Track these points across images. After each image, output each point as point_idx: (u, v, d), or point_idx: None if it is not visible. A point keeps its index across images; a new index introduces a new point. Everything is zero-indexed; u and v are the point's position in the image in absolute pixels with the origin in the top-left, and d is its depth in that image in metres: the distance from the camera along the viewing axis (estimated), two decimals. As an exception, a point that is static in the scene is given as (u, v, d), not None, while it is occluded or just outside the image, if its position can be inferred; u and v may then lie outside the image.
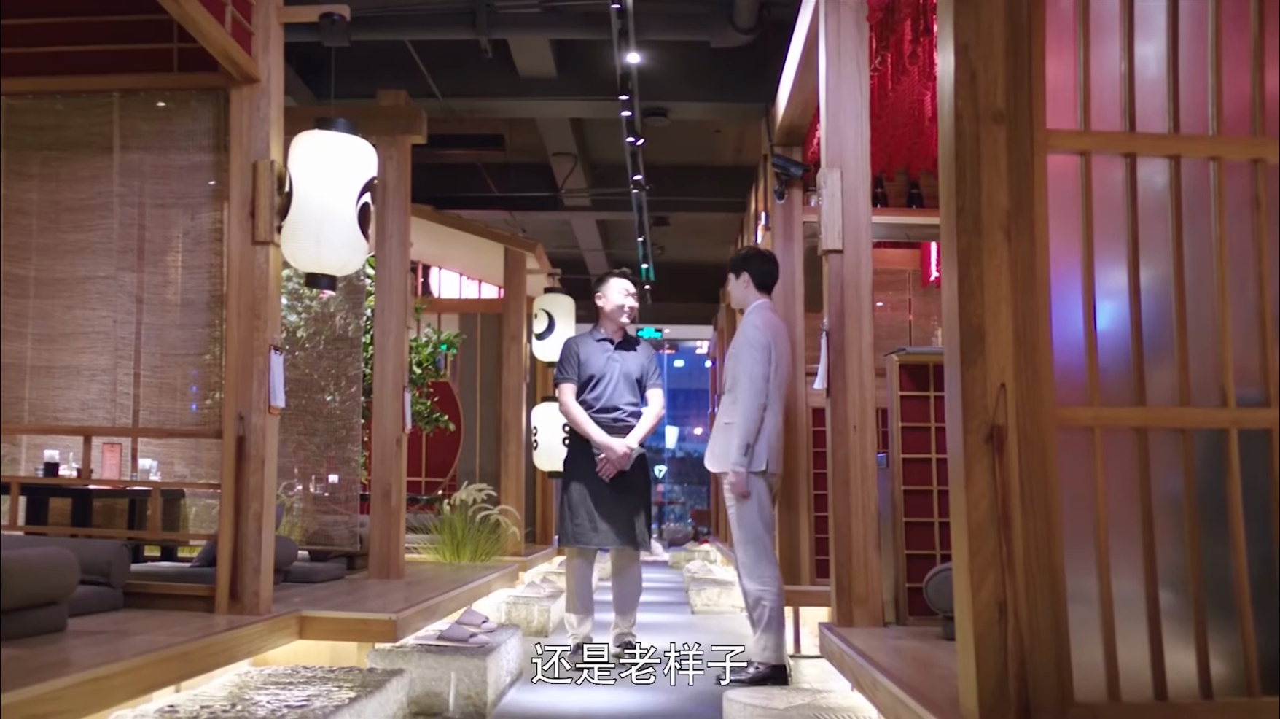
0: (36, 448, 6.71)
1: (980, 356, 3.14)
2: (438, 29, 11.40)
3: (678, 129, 14.74)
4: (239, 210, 5.90)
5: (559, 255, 19.35)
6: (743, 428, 6.50)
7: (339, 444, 8.72)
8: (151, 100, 6.30)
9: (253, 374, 5.83)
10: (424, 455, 13.73)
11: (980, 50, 3.24)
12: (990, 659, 3.09)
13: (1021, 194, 3.20)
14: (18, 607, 4.51)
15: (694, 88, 13.22)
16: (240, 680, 5.09)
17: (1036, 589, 3.10)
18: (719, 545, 15.63)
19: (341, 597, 6.85)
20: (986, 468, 3.10)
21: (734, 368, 6.65)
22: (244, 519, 5.80)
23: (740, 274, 6.91)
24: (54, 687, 3.74)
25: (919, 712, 3.52)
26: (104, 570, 5.54)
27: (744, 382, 6.54)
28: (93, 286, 6.28)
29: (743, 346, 6.65)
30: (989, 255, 3.16)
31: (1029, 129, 3.23)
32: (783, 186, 8.13)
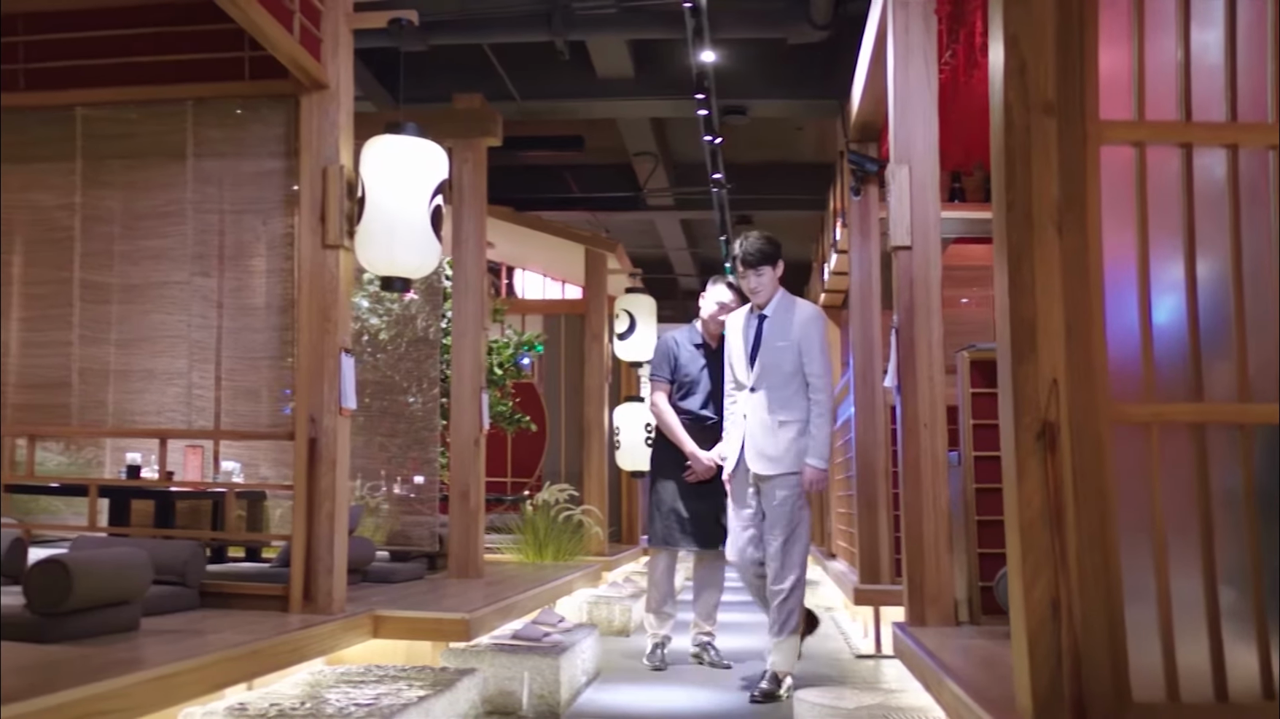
0: (119, 450, 6.83)
1: (1032, 353, 3.09)
2: (514, 32, 11.45)
3: (758, 127, 14.69)
4: (309, 215, 5.96)
5: (643, 255, 19.38)
6: (830, 426, 6.44)
7: (420, 445, 8.79)
8: (223, 108, 6.39)
9: (324, 376, 5.89)
10: (509, 456, 13.79)
11: (1030, 41, 3.19)
12: (1044, 658, 3.05)
13: (1073, 187, 3.14)
14: (88, 606, 4.59)
15: (771, 85, 13.18)
16: (313, 679, 5.14)
17: (1091, 587, 3.05)
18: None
19: (418, 596, 6.89)
20: (1038, 465, 3.06)
21: (796, 364, 6.38)
22: (316, 520, 5.86)
23: (777, 263, 6.54)
24: (120, 684, 3.81)
25: (977, 711, 3.48)
26: (179, 571, 5.63)
27: (827, 380, 6.42)
28: (167, 292, 6.38)
29: (816, 343, 6.42)
30: (1040, 250, 3.12)
31: (1081, 120, 3.18)
32: (858, 183, 8.06)
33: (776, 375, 6.42)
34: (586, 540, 10.87)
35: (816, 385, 6.39)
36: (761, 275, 6.50)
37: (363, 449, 8.75)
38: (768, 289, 6.52)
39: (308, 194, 5.97)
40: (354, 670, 5.41)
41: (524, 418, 11.58)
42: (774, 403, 6.39)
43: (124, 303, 6.44)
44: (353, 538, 7.10)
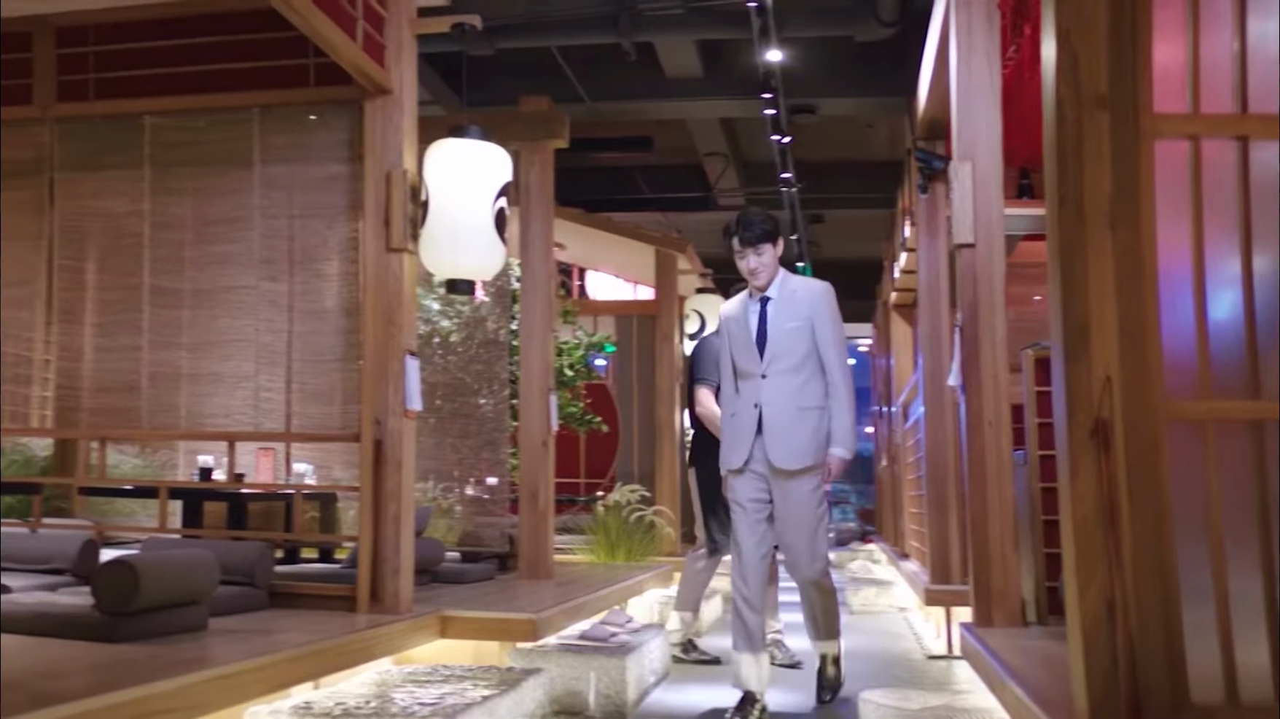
0: (193, 453, 6.93)
1: (1084, 350, 3.06)
2: (581, 34, 11.49)
3: (829, 125, 14.64)
4: (374, 219, 6.01)
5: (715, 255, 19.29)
6: (853, 411, 5.90)
7: (491, 447, 8.83)
8: (289, 114, 6.46)
9: (388, 379, 5.94)
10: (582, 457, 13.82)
11: (1082, 35, 3.16)
12: (1099, 658, 3.01)
13: (1126, 182, 3.11)
14: (156, 606, 4.65)
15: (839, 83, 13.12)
16: (380, 678, 5.18)
17: (1146, 587, 3.01)
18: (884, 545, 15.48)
19: (487, 597, 6.92)
20: (1092, 464, 3.02)
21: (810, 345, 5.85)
22: (383, 521, 5.90)
23: (777, 241, 5.99)
24: (185, 682, 3.86)
25: (1035, 712, 3.45)
26: (248, 571, 5.69)
27: (844, 361, 5.92)
28: (234, 296, 6.46)
29: (829, 321, 5.92)
30: (1093, 246, 3.08)
31: (1134, 114, 3.14)
32: (925, 180, 8.00)
33: (791, 359, 5.89)
34: (658, 541, 10.87)
35: (834, 366, 5.90)
36: (762, 254, 5.95)
37: (435, 451, 8.81)
38: (769, 269, 5.97)
39: (372, 198, 6.02)
40: (421, 670, 5.44)
41: (595, 419, 11.61)
42: (793, 389, 5.86)
43: (192, 307, 6.53)
44: (422, 539, 7.15)
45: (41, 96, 6.79)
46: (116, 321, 6.63)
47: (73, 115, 6.76)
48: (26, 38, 6.83)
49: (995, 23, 5.88)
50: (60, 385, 6.72)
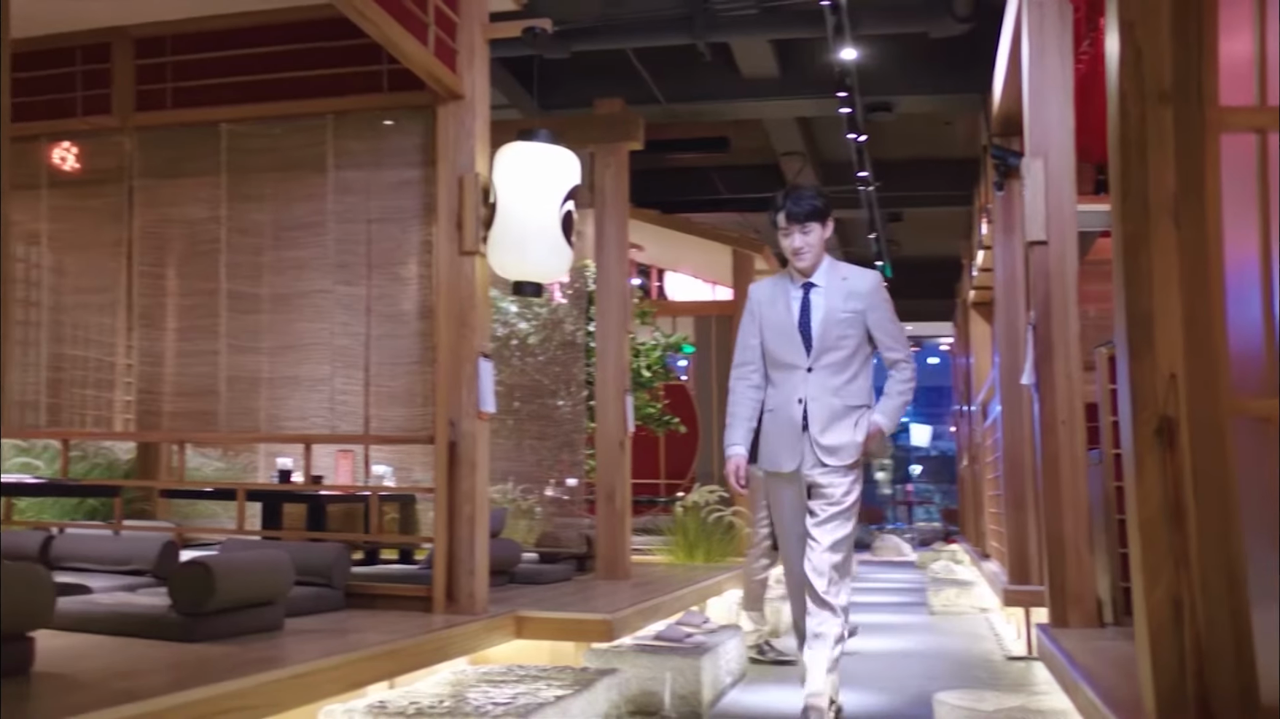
0: (274, 455, 7.03)
1: (1149, 347, 3.02)
2: (656, 35, 11.50)
3: (907, 122, 14.57)
4: (446, 223, 6.06)
5: (794, 255, 19.30)
6: (906, 394, 5.51)
7: (570, 448, 8.88)
8: (363, 120, 6.52)
9: (462, 381, 5.99)
10: (662, 458, 13.84)
11: (1146, 27, 3.11)
12: (1166, 659, 2.97)
13: (1191, 176, 3.06)
14: (231, 607, 4.72)
15: (915, 80, 13.06)
16: (455, 678, 5.21)
17: (1214, 586, 2.96)
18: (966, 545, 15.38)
19: (563, 597, 6.95)
20: (1157, 461, 2.98)
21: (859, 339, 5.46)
22: (457, 522, 5.95)
23: (827, 222, 5.57)
24: (259, 680, 3.93)
25: (1105, 713, 3.42)
26: (324, 573, 5.76)
27: (907, 346, 5.59)
28: (310, 300, 6.54)
29: (888, 312, 5.53)
30: (1157, 242, 3.04)
31: (1199, 108, 3.09)
32: (1001, 177, 7.93)
33: (840, 353, 5.47)
34: (737, 542, 10.85)
35: (898, 358, 5.51)
36: (809, 233, 5.50)
37: (514, 452, 8.88)
38: (815, 251, 5.52)
39: (445, 202, 6.07)
40: (495, 670, 5.47)
41: (673, 420, 11.61)
42: (838, 385, 5.46)
43: (268, 312, 6.63)
44: (498, 540, 7.20)
45: (121, 106, 6.91)
46: (195, 326, 6.74)
47: (151, 124, 6.89)
48: (106, 49, 6.96)
49: (1068, 17, 5.82)
50: (141, 390, 6.83)
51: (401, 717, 4.35)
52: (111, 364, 6.92)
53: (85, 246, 7.01)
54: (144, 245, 6.87)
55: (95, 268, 6.96)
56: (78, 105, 6.97)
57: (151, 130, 6.89)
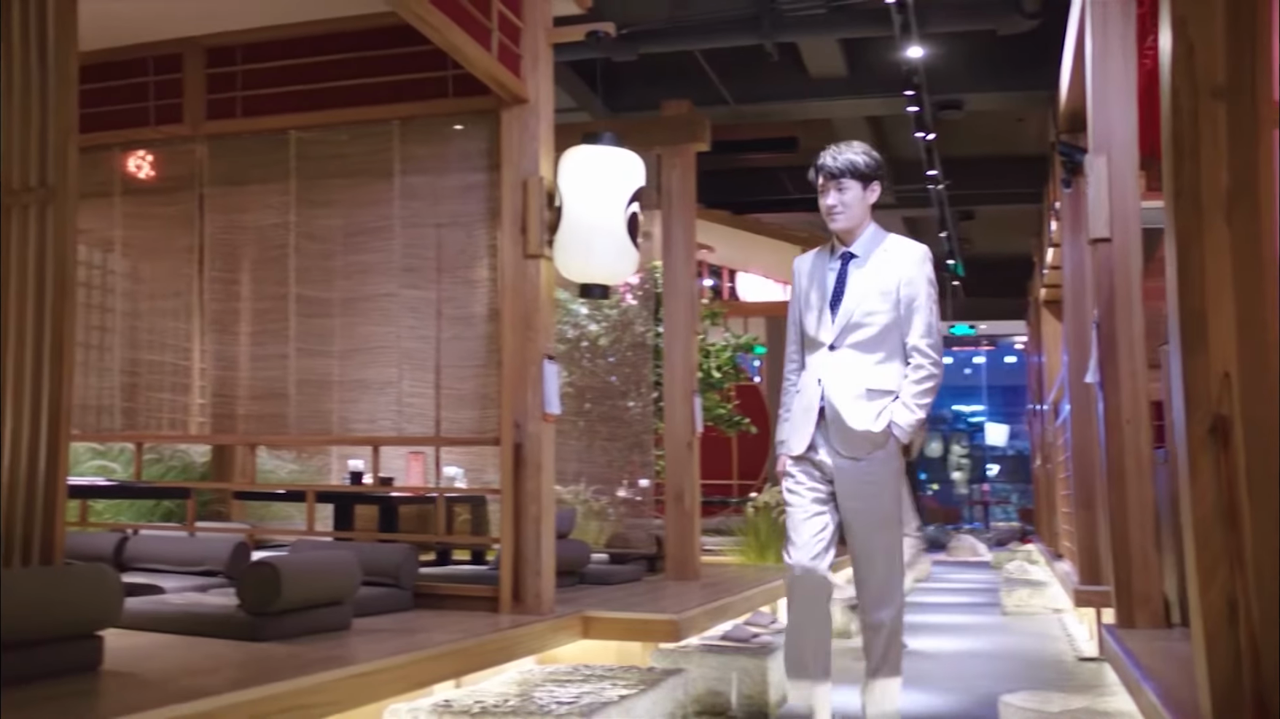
0: (346, 458, 7.12)
1: (1202, 345, 3.00)
2: (723, 37, 11.52)
3: (978, 120, 14.49)
4: (511, 226, 6.11)
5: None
6: (930, 391, 4.86)
7: (640, 449, 8.90)
8: (428, 125, 6.60)
9: (527, 383, 6.03)
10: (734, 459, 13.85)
11: (1198, 23, 3.09)
12: (1222, 659, 2.96)
13: (1244, 173, 3.03)
14: (298, 606, 4.79)
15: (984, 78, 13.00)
16: (521, 677, 5.23)
17: (1270, 586, 2.93)
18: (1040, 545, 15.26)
19: (631, 597, 6.97)
20: (1210, 461, 2.96)
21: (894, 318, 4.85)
22: (523, 523, 6.00)
23: (869, 183, 4.93)
24: (325, 679, 3.98)
25: (1164, 714, 3.40)
26: (393, 573, 5.82)
27: (936, 336, 4.89)
28: (377, 304, 6.63)
29: (925, 295, 4.89)
30: (1209, 239, 3.02)
31: (1252, 104, 3.06)
32: (1069, 174, 7.87)
33: (868, 331, 4.86)
34: (808, 542, 10.81)
35: (924, 350, 4.84)
36: (845, 192, 4.88)
37: (585, 453, 8.91)
38: (850, 212, 4.90)
39: (509, 206, 6.13)
40: (562, 670, 5.50)
41: (744, 420, 11.60)
42: (865, 368, 4.85)
43: (336, 315, 6.73)
44: (567, 540, 7.24)
45: (192, 115, 7.04)
46: (265, 330, 6.84)
47: (222, 132, 7.01)
48: (178, 59, 7.09)
49: (1132, 12, 5.78)
50: (214, 393, 6.95)
51: (466, 715, 4.39)
52: (185, 368, 7.04)
53: (158, 253, 7.15)
54: (214, 251, 6.99)
55: (168, 273, 7.09)
56: (150, 114, 7.11)
57: (222, 138, 7.01)
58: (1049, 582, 11.45)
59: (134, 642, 4.51)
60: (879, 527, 4.84)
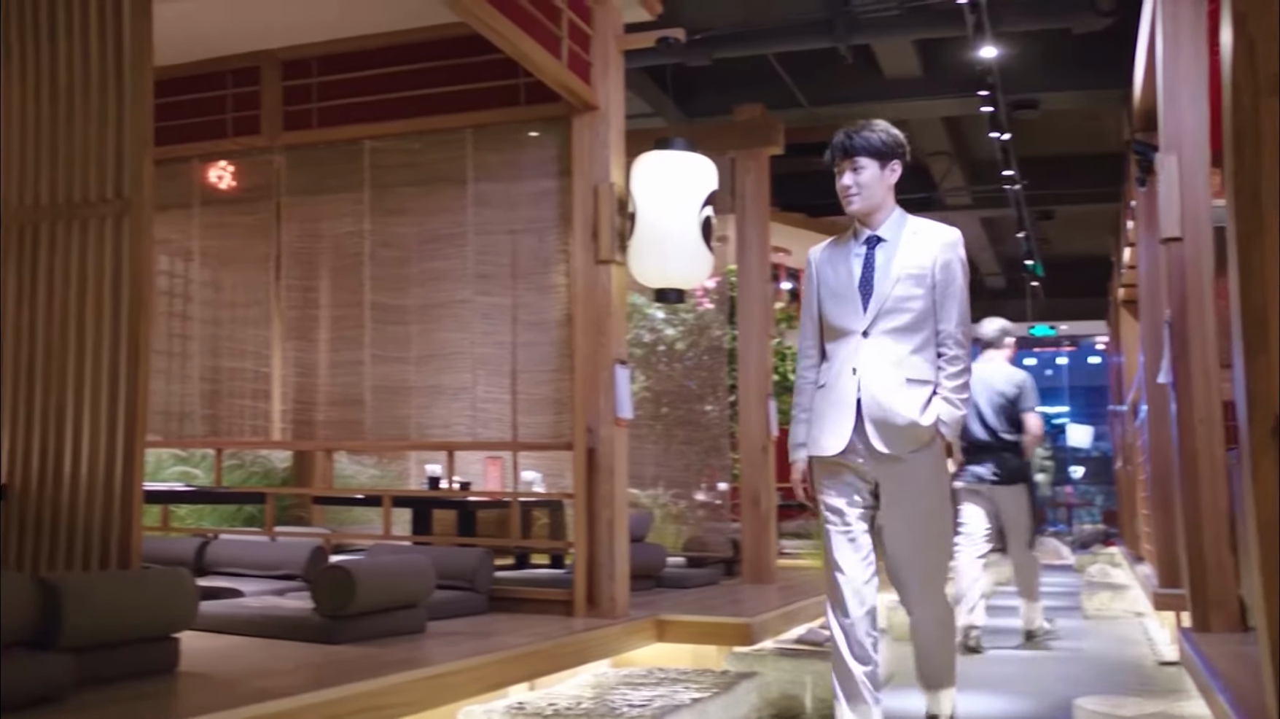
0: (424, 463, 7.20)
1: (1264, 345, 2.97)
2: (797, 40, 11.49)
3: (1055, 119, 14.36)
4: (582, 232, 6.17)
5: (944, 256, 19.11)
6: (966, 383, 4.60)
7: (718, 452, 8.92)
8: (500, 133, 6.68)
9: (599, 388, 6.08)
10: (813, 462, 13.76)
11: (1259, 19, 3.06)
12: (1288, 663, 2.93)
13: (1307, 169, 3.01)
14: (372, 609, 4.86)
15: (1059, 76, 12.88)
16: (596, 680, 5.27)
17: (1336, 589, 2.91)
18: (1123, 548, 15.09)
19: (707, 601, 6.99)
20: (1274, 463, 2.93)
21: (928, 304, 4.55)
22: (597, 527, 6.05)
23: (888, 162, 4.63)
24: (398, 680, 4.05)
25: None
26: (467, 576, 5.89)
27: (967, 324, 4.62)
28: (451, 310, 6.72)
29: (958, 280, 4.60)
30: (1270, 236, 2.99)
31: (1314, 100, 3.04)
32: (1143, 173, 7.79)
33: (903, 317, 4.55)
34: (886, 545, 10.77)
35: (958, 339, 4.58)
36: (861, 172, 4.59)
37: (662, 457, 8.94)
38: (867, 193, 4.59)
39: (580, 212, 6.18)
40: (636, 673, 5.52)
41: (822, 423, 11.53)
42: (900, 356, 4.53)
43: (411, 322, 6.82)
44: (642, 544, 7.28)
45: (269, 126, 7.16)
46: (341, 337, 6.95)
47: (298, 143, 7.13)
48: (255, 72, 7.22)
49: (1203, 9, 5.72)
50: (292, 399, 7.05)
51: (539, 717, 4.43)
52: (265, 375, 7.15)
53: (236, 262, 7.28)
54: (291, 259, 7.11)
55: (246, 282, 7.22)
56: (228, 126, 7.24)
57: (298, 149, 7.14)
58: (1131, 585, 11.33)
59: (212, 644, 4.61)
60: (924, 525, 4.56)
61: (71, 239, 4.32)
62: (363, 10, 6.59)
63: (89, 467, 4.09)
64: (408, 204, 6.86)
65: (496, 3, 5.41)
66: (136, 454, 4.08)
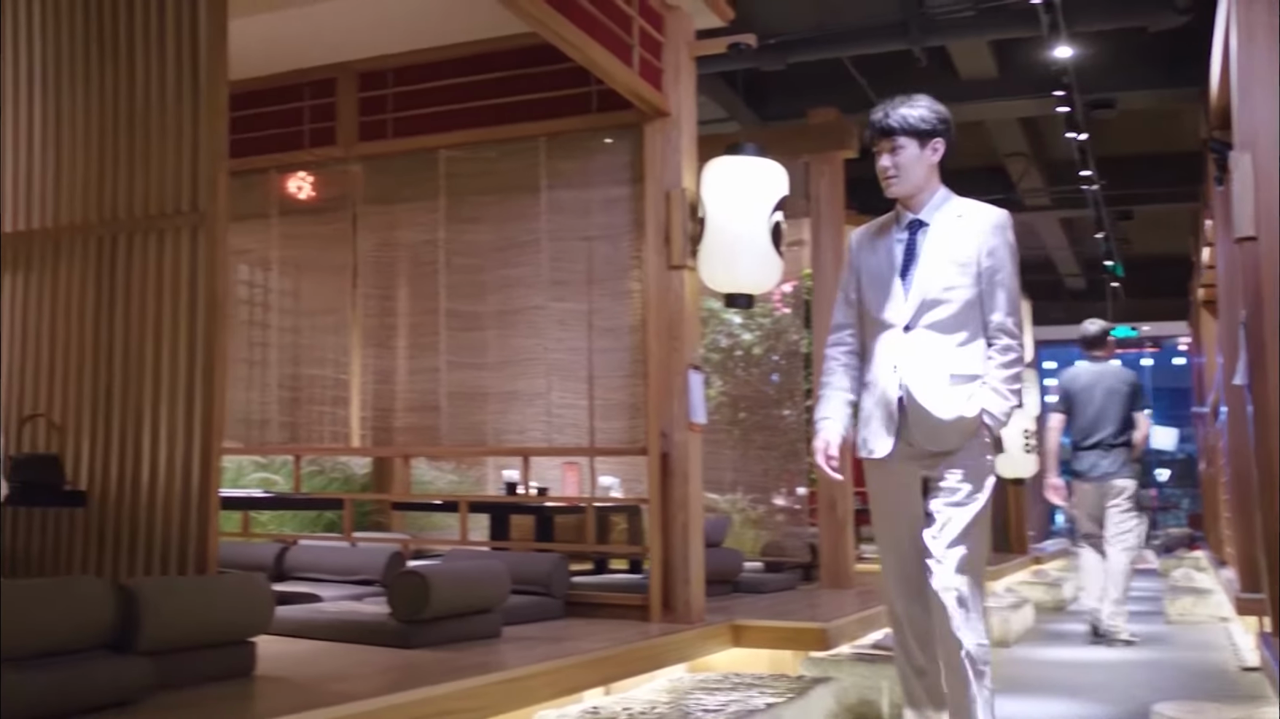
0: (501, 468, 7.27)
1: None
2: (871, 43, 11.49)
3: (1133, 118, 14.23)
4: (655, 238, 6.20)
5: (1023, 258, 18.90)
6: (1018, 374, 4.31)
7: (796, 457, 8.92)
8: (573, 141, 6.72)
9: (672, 393, 6.11)
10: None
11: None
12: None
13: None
14: (447, 614, 4.92)
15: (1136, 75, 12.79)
16: (671, 684, 5.29)
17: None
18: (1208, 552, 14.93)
19: (783, 606, 6.99)
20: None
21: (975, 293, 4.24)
22: (671, 532, 6.07)
23: (928, 140, 4.38)
24: (472, 684, 4.08)
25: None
26: (543, 581, 5.94)
27: (1017, 312, 4.30)
28: (525, 317, 6.76)
29: (1007, 265, 4.28)
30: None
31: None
32: (1221, 171, 7.70)
33: (948, 309, 4.26)
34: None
35: (1009, 329, 4.27)
36: (899, 152, 4.33)
37: (740, 462, 8.96)
38: (908, 175, 4.32)
39: (653, 218, 6.21)
40: (712, 678, 5.54)
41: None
42: (946, 350, 4.25)
43: (487, 329, 6.88)
44: (719, 549, 7.30)
45: (345, 137, 7.25)
46: (417, 344, 7.02)
47: (374, 153, 7.21)
48: (332, 83, 7.31)
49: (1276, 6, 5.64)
50: (370, 406, 7.14)
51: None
52: (343, 382, 7.24)
53: (314, 271, 7.38)
54: (368, 268, 7.20)
55: (324, 291, 7.32)
56: (305, 138, 7.34)
57: (374, 159, 7.22)
58: (1215, 589, 11.22)
59: (289, 648, 4.68)
60: (961, 531, 4.19)
61: (149, 250, 4.42)
62: (436, 22, 6.66)
63: (166, 474, 4.18)
64: (482, 212, 6.92)
65: (567, 12, 5.46)
66: (213, 461, 4.16)
